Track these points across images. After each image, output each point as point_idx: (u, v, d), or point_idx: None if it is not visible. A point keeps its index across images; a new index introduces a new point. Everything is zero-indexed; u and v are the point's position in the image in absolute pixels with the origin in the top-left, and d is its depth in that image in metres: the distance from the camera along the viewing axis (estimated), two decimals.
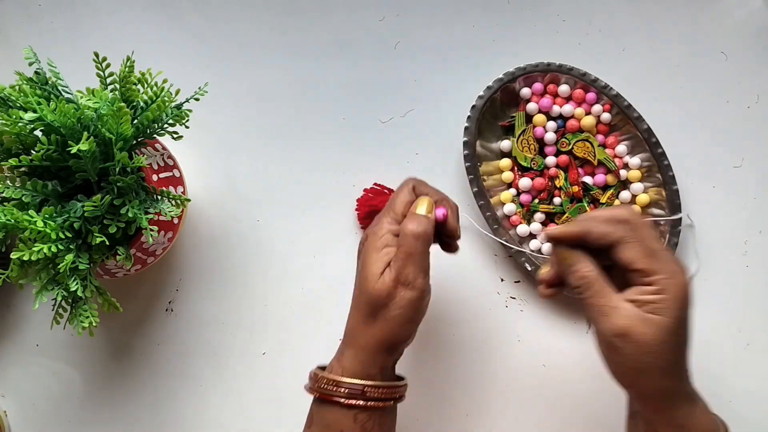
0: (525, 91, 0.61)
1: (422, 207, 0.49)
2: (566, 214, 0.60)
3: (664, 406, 0.44)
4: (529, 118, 0.61)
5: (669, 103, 0.62)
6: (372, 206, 0.60)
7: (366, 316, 0.48)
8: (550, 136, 0.60)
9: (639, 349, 0.42)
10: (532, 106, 0.61)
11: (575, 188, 0.60)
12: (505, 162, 0.61)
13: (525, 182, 0.60)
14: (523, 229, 0.60)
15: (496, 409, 0.60)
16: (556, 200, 0.60)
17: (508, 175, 0.61)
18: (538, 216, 0.60)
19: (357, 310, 0.49)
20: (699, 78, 0.62)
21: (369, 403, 0.47)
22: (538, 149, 0.61)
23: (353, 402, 0.47)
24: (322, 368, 0.50)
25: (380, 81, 0.64)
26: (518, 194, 0.61)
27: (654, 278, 0.42)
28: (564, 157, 0.60)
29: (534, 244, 0.60)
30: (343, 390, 0.47)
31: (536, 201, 0.60)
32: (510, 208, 0.60)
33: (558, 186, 0.60)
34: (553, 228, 0.47)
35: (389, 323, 0.47)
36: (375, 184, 0.62)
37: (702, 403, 0.45)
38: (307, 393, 0.49)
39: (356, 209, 0.62)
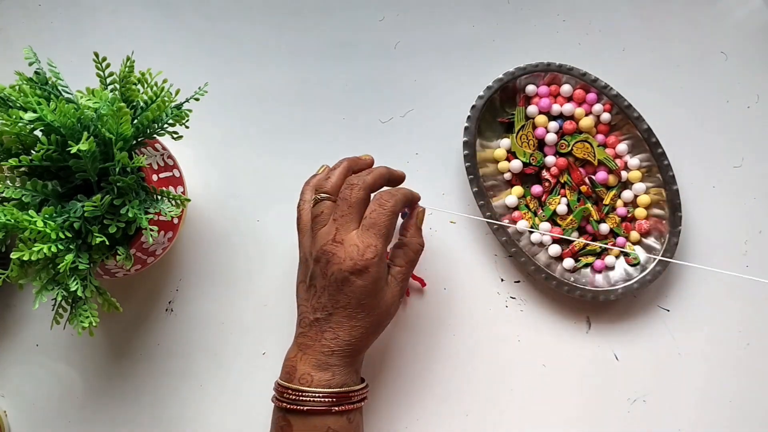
0: (530, 88, 0.60)
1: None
2: (571, 216, 0.59)
3: None
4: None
5: (669, 103, 0.62)
6: None
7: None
8: (551, 137, 0.60)
9: None
10: (532, 109, 0.60)
11: (584, 187, 0.60)
12: (500, 152, 0.61)
13: (516, 164, 0.60)
14: (523, 224, 0.60)
15: (496, 409, 0.60)
16: (563, 200, 0.60)
17: (504, 165, 0.61)
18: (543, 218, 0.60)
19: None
20: (699, 78, 0.62)
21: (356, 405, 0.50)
22: (537, 145, 0.61)
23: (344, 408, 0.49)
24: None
25: (380, 81, 0.64)
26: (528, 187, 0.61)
27: None
28: (562, 160, 0.60)
29: (535, 237, 0.60)
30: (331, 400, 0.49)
31: (543, 199, 0.60)
32: (512, 199, 0.60)
33: (563, 182, 0.60)
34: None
35: None
36: None
37: None
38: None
39: None
